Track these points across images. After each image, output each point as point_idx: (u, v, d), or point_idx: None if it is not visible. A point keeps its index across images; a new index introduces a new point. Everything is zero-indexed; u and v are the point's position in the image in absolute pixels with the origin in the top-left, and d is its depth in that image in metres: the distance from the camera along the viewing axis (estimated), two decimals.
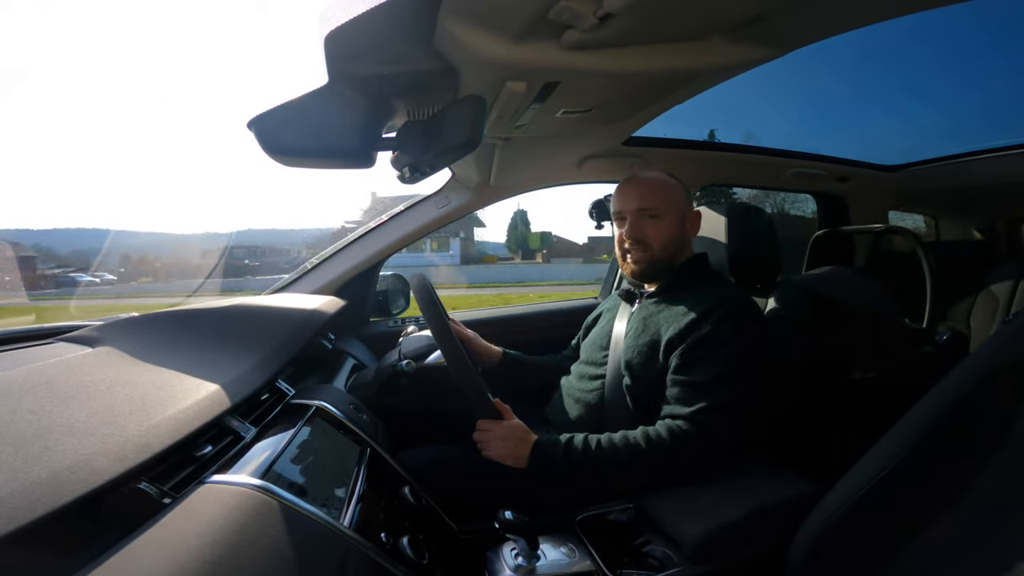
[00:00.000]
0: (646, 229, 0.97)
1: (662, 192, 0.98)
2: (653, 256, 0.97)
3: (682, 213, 0.99)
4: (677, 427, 0.81)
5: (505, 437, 0.84)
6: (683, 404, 0.83)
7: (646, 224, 0.97)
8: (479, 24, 0.59)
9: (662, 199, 0.97)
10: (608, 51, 0.68)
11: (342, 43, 0.56)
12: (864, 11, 0.68)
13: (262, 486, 0.47)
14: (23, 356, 0.71)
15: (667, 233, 0.97)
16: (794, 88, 7.58)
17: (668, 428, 0.82)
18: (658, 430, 0.82)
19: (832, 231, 1.77)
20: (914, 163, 1.78)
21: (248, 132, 0.62)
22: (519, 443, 0.84)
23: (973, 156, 1.63)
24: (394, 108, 0.79)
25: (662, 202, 0.97)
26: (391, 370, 0.98)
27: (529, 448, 0.83)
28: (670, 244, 0.97)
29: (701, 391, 0.83)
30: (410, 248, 1.54)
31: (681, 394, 0.84)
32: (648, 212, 0.97)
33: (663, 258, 0.98)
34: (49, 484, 0.35)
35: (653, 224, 0.97)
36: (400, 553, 0.57)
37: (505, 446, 0.84)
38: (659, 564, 0.71)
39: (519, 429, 0.85)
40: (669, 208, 0.97)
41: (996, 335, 0.61)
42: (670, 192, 0.98)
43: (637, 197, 0.98)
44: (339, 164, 0.71)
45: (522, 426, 0.86)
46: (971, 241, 2.33)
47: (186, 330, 0.79)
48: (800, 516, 0.67)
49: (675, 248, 0.98)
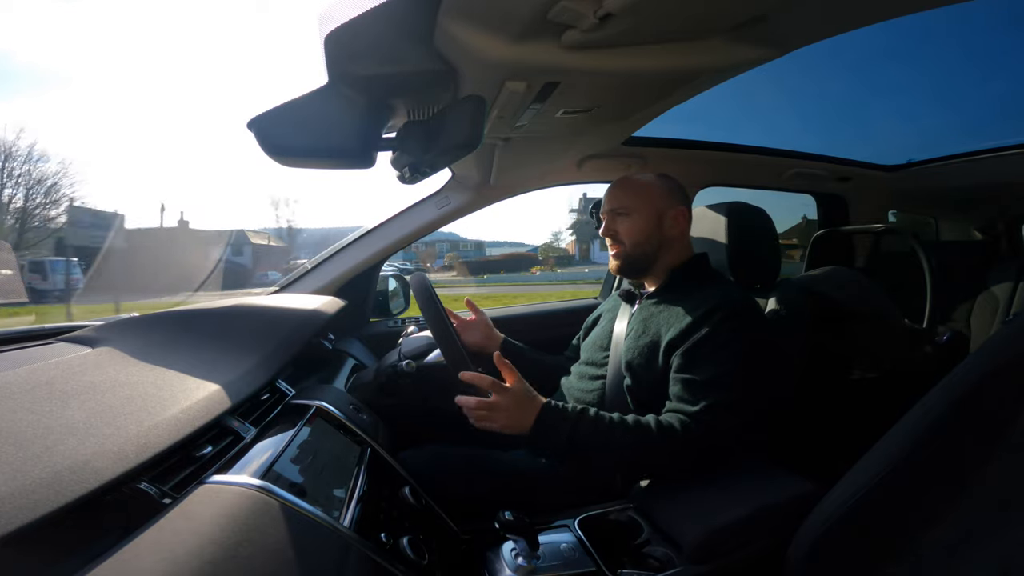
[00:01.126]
0: (617, 227, 1.01)
1: (631, 191, 1.01)
2: (626, 252, 1.00)
3: (658, 211, 0.99)
4: (685, 422, 0.81)
5: (509, 407, 0.79)
6: (688, 403, 0.83)
7: (617, 222, 1.01)
8: (479, 24, 0.59)
9: (630, 198, 1.00)
10: (608, 51, 0.68)
11: (342, 43, 0.56)
12: (864, 11, 0.68)
13: (262, 486, 0.47)
14: (23, 356, 0.71)
15: (636, 229, 0.99)
16: (794, 88, 7.60)
17: (679, 420, 0.81)
18: (669, 420, 0.81)
19: (832, 231, 1.77)
20: (914, 163, 1.78)
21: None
22: (526, 408, 0.80)
23: (973, 156, 1.63)
24: (394, 108, 0.79)
25: (630, 200, 1.00)
26: (391, 370, 0.98)
27: (536, 413, 0.80)
28: (642, 241, 0.99)
29: (705, 390, 0.82)
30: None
31: (685, 392, 0.84)
32: (618, 211, 1.00)
33: (636, 254, 1.00)
34: (49, 484, 0.35)
35: (623, 222, 1.00)
36: (400, 553, 0.57)
37: (509, 416, 0.79)
38: (659, 564, 0.71)
39: (527, 392, 0.81)
40: (639, 206, 0.99)
41: (996, 335, 0.61)
42: (641, 191, 1.00)
43: (610, 197, 1.02)
44: (339, 164, 0.71)
45: (530, 388, 0.82)
46: (971, 241, 2.33)
47: (186, 330, 0.79)
48: (800, 516, 0.67)
49: (651, 245, 0.99)
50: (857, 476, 0.63)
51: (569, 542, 0.73)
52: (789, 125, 11.83)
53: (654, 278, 1.03)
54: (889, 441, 0.62)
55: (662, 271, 1.01)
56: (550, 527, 0.77)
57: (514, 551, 0.68)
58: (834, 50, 7.02)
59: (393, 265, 9.65)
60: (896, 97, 14.02)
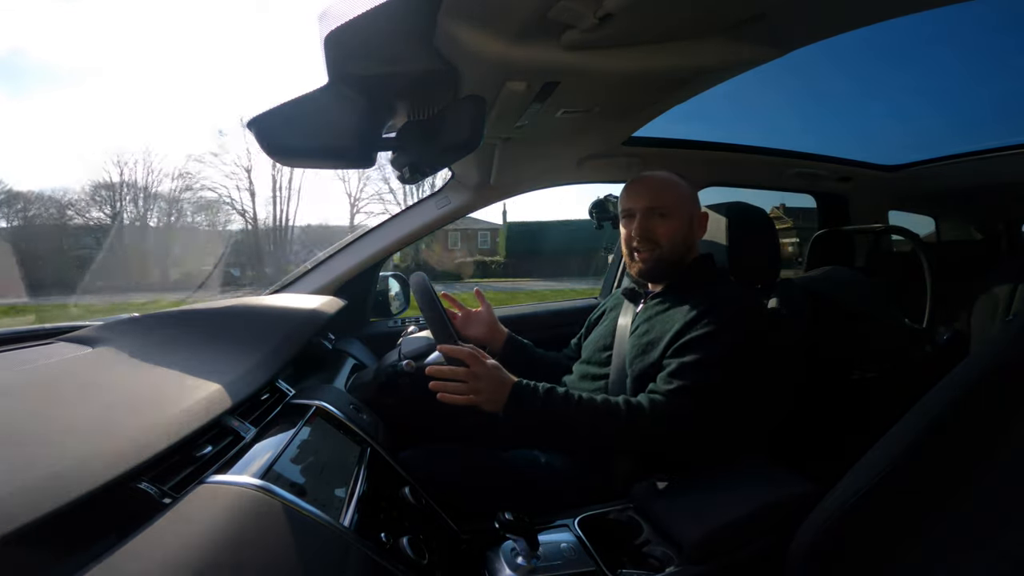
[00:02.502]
0: (656, 228, 0.97)
1: (673, 191, 0.98)
2: (662, 255, 0.97)
3: (690, 213, 0.99)
4: (656, 400, 0.82)
5: (491, 378, 0.80)
6: (664, 382, 0.84)
7: (656, 223, 0.97)
8: (479, 24, 0.59)
9: (672, 198, 0.97)
10: (608, 51, 0.68)
11: (342, 43, 0.56)
12: (863, 11, 0.69)
13: (262, 486, 0.47)
14: (23, 356, 0.71)
15: (676, 232, 0.97)
16: (794, 88, 7.57)
17: (649, 399, 0.83)
18: (640, 400, 0.83)
19: (832, 231, 1.76)
20: (915, 163, 1.77)
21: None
22: (500, 385, 0.81)
23: (974, 156, 1.63)
24: (394, 108, 0.78)
25: (672, 201, 0.97)
26: (391, 370, 0.98)
27: (508, 390, 0.81)
28: (679, 244, 0.97)
29: (683, 372, 0.83)
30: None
31: (666, 373, 0.85)
32: (658, 211, 0.96)
33: (671, 258, 0.98)
34: (49, 484, 0.35)
35: (663, 223, 0.96)
36: (400, 553, 0.57)
37: (489, 387, 0.80)
38: (659, 564, 0.71)
39: (500, 369, 0.83)
40: (679, 207, 0.97)
41: (996, 335, 0.61)
42: (680, 192, 0.99)
43: (648, 195, 0.98)
44: (339, 164, 0.71)
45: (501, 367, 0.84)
46: (971, 241, 2.32)
47: (186, 330, 0.79)
48: (800, 516, 0.67)
49: (684, 248, 0.98)
50: (857, 476, 0.63)
51: (569, 542, 0.72)
52: (789, 125, 11.82)
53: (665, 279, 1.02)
54: (889, 441, 0.62)
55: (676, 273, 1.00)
56: (550, 527, 0.77)
57: (514, 551, 0.68)
58: (834, 50, 7.00)
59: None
60: (896, 97, 14.00)
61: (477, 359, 0.81)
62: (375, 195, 16.58)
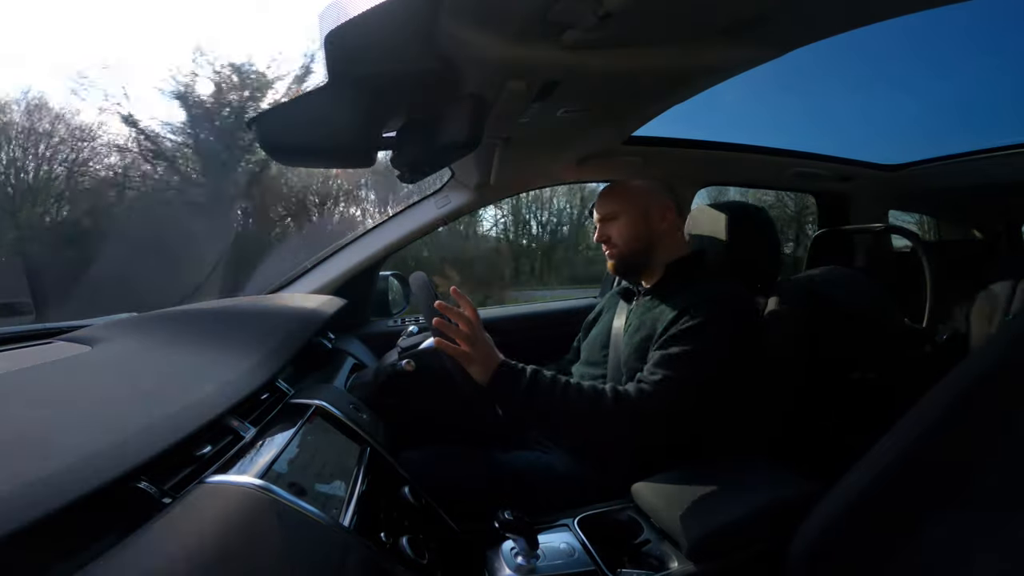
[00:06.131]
0: (610, 231, 1.04)
1: (614, 196, 1.05)
2: (622, 252, 1.04)
3: (643, 208, 1.02)
4: (642, 389, 0.83)
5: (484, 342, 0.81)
6: (650, 373, 0.85)
7: (609, 227, 1.04)
8: (479, 23, 0.59)
9: (615, 203, 1.04)
10: (608, 51, 0.68)
11: (343, 43, 0.56)
12: (863, 11, 0.68)
13: (262, 486, 0.47)
14: (23, 356, 0.71)
15: (627, 230, 1.03)
16: (794, 87, 7.55)
17: (637, 388, 0.83)
18: (627, 388, 0.84)
19: (832, 231, 1.76)
20: (915, 162, 1.77)
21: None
22: (491, 352, 0.82)
23: (974, 155, 1.63)
24: (394, 107, 0.79)
25: (618, 204, 1.04)
26: (391, 370, 0.98)
27: (497, 361, 0.82)
28: (632, 239, 1.02)
29: (669, 363, 0.84)
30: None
31: (651, 365, 0.86)
32: (608, 216, 1.05)
33: (630, 253, 1.03)
34: (48, 483, 0.35)
35: (614, 225, 1.04)
36: (400, 553, 0.57)
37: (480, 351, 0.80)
38: (658, 563, 0.71)
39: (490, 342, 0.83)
40: (624, 208, 1.03)
41: (996, 335, 0.62)
42: (623, 193, 1.05)
43: (600, 207, 1.07)
44: (339, 163, 0.71)
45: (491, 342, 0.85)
46: (971, 241, 2.32)
47: (185, 330, 0.79)
48: (800, 515, 0.67)
49: (642, 242, 1.02)
50: (857, 475, 0.63)
51: (569, 542, 0.73)
52: (789, 124, 11.75)
53: (651, 275, 1.04)
54: (889, 441, 0.62)
55: (659, 267, 1.03)
56: (550, 527, 0.77)
57: (514, 551, 0.68)
58: (835, 49, 6.99)
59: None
60: (896, 96, 13.98)
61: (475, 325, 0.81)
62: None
